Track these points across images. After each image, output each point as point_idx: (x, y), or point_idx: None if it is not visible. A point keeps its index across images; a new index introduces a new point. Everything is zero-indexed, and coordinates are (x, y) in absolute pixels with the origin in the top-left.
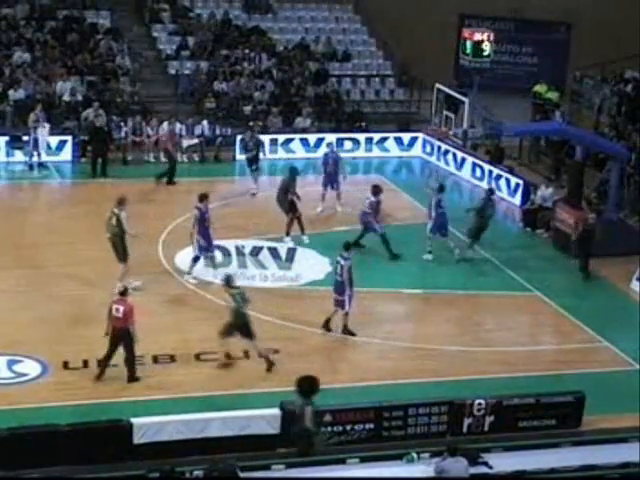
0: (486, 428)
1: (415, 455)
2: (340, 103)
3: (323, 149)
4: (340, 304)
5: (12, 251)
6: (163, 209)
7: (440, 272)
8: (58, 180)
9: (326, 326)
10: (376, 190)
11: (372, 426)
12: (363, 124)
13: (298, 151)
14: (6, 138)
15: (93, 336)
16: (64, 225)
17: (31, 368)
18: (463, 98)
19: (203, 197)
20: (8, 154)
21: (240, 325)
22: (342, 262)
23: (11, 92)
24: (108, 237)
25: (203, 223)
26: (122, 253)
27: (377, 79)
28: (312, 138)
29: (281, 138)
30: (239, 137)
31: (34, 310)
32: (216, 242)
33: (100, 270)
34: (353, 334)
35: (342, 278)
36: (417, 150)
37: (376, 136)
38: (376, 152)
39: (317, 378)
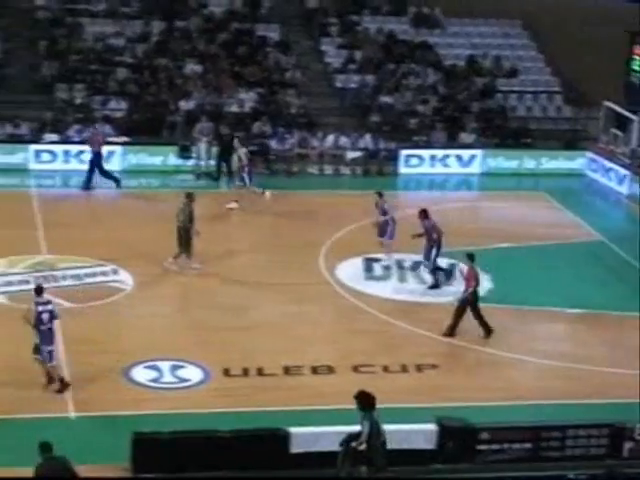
0: None
1: (573, 477)
2: (505, 119)
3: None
4: (50, 356)
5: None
6: (326, 221)
7: (600, 292)
8: (223, 190)
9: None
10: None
11: (529, 446)
12: (529, 140)
13: (454, 167)
14: (176, 147)
15: (254, 344)
16: (226, 234)
17: (193, 374)
18: (633, 116)
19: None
20: (177, 163)
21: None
22: (49, 307)
23: (182, 103)
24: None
25: None
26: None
27: (544, 95)
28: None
29: (441, 153)
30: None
31: (197, 318)
32: (378, 255)
33: (263, 279)
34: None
35: (50, 326)
36: (583, 167)
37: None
38: (541, 168)
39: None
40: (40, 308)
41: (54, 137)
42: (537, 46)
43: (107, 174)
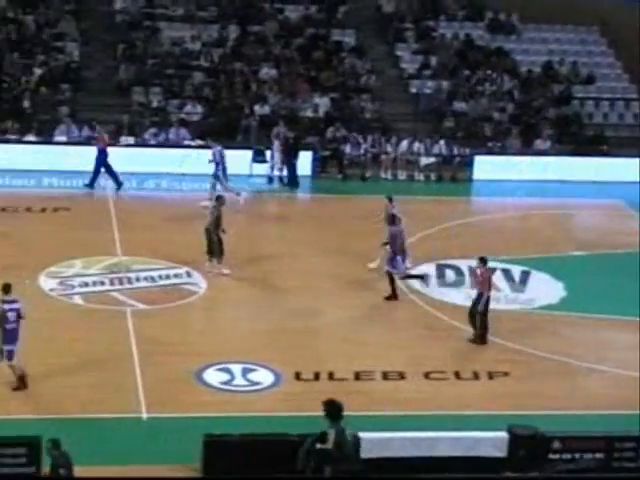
0: None
1: None
2: (581, 126)
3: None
4: (9, 355)
5: (247, 262)
6: None
7: None
8: (296, 194)
9: (21, 382)
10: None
11: (602, 456)
12: (605, 148)
13: (529, 173)
14: (250, 151)
15: (325, 349)
16: (298, 238)
17: (264, 377)
18: None
19: None
20: (252, 167)
21: None
22: (15, 306)
23: (257, 107)
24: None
25: None
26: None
27: (621, 103)
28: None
29: (516, 160)
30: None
31: (268, 321)
32: (450, 262)
33: (332, 284)
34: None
35: (15, 325)
36: None
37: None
38: (617, 176)
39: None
40: (6, 307)
41: (130, 140)
42: (614, 53)
43: (106, 172)
